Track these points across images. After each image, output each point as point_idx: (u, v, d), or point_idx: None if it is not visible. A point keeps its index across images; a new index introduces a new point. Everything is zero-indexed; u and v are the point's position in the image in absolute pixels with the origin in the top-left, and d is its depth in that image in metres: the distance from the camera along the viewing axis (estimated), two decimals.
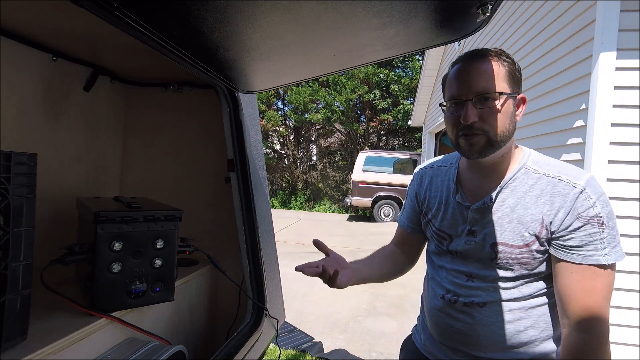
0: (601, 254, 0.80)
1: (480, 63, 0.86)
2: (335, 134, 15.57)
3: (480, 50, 0.88)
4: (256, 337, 1.60)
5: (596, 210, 0.82)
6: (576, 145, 2.67)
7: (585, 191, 0.83)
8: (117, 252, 1.11)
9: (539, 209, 0.86)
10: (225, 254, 1.79)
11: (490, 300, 0.91)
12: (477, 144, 0.86)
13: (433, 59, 8.46)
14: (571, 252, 0.83)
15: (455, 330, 0.95)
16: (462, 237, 0.95)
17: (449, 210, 0.99)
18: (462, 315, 0.93)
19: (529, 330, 0.90)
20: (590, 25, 2.54)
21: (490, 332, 0.90)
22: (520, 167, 0.91)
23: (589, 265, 0.81)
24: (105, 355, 1.08)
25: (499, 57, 0.87)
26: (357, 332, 3.36)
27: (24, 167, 0.87)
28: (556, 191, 0.86)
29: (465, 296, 0.93)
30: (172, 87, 1.95)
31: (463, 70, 0.88)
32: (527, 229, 0.87)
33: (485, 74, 0.85)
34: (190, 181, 2.00)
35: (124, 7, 0.85)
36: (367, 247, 6.85)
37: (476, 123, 0.85)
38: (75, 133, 1.72)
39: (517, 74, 0.88)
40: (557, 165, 0.90)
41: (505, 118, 0.85)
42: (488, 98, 0.84)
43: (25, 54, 1.43)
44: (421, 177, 1.11)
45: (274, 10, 0.86)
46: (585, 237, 0.82)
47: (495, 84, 0.84)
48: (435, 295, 1.01)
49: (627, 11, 2.42)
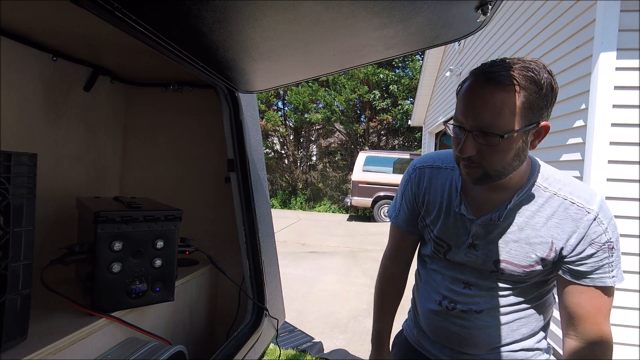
0: (609, 277, 0.82)
1: (490, 90, 0.74)
2: (335, 134, 15.56)
3: (497, 72, 0.74)
4: (256, 337, 1.60)
5: (608, 235, 0.81)
6: (576, 145, 2.67)
7: (598, 217, 0.82)
8: (117, 252, 1.11)
9: (549, 231, 0.84)
10: (225, 254, 1.79)
11: (487, 307, 0.92)
12: (474, 174, 0.81)
13: (433, 59, 8.46)
14: (582, 277, 0.83)
15: (452, 333, 0.95)
16: (462, 249, 0.92)
17: (450, 220, 0.94)
18: (459, 320, 0.94)
19: (521, 328, 0.93)
20: (590, 25, 2.54)
21: (487, 334, 0.92)
22: (530, 184, 0.86)
23: (596, 287, 0.83)
24: (105, 355, 1.08)
25: (518, 84, 0.73)
26: (357, 332, 3.36)
27: (24, 167, 0.87)
28: (568, 215, 0.83)
29: (463, 303, 0.93)
30: (172, 87, 1.95)
31: (472, 94, 0.77)
32: (534, 250, 0.85)
33: (492, 106, 0.74)
34: (190, 181, 2.00)
35: (124, 7, 0.85)
36: (367, 247, 6.85)
37: (474, 157, 0.78)
38: (75, 133, 1.72)
39: (540, 101, 0.75)
40: (567, 183, 0.86)
41: (507, 155, 0.77)
42: (490, 135, 0.75)
43: (25, 54, 1.43)
44: (419, 176, 1.02)
45: (274, 10, 0.86)
46: (596, 263, 0.82)
47: (504, 119, 0.74)
48: (431, 299, 1.00)
49: (627, 11, 2.42)
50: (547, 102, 0.76)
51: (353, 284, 4.77)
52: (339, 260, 5.95)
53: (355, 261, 5.90)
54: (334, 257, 6.13)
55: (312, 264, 5.68)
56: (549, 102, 0.77)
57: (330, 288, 4.56)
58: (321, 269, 5.39)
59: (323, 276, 5.03)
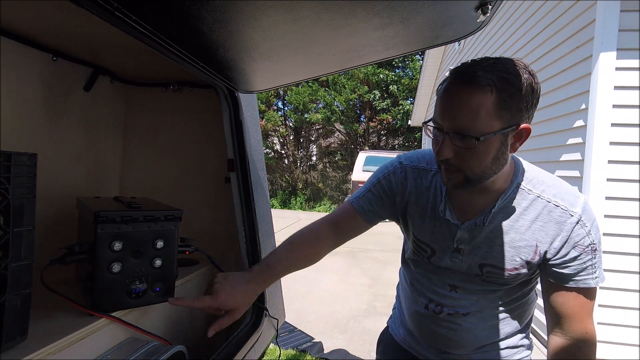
0: (592, 278, 0.83)
1: (466, 92, 0.72)
2: (335, 134, 15.57)
3: (474, 72, 0.72)
4: (256, 337, 1.60)
5: (591, 238, 0.82)
6: (576, 145, 2.67)
7: (581, 220, 0.82)
8: (117, 252, 1.11)
9: (533, 234, 0.84)
10: (225, 254, 1.79)
11: (474, 310, 0.92)
12: (453, 179, 0.80)
13: (433, 59, 8.47)
14: (566, 279, 0.84)
15: (439, 335, 0.96)
16: (447, 253, 0.92)
17: (434, 224, 0.93)
18: (446, 322, 0.95)
19: (506, 327, 0.95)
20: (590, 25, 2.54)
21: (473, 335, 0.94)
22: (513, 187, 0.85)
23: (580, 287, 0.84)
24: (105, 355, 1.08)
25: (495, 85, 0.70)
26: (357, 332, 3.36)
27: (24, 167, 0.87)
28: (552, 217, 0.83)
29: (449, 306, 0.94)
30: (172, 87, 1.95)
31: (449, 95, 0.75)
32: (519, 254, 0.86)
33: (468, 108, 0.72)
34: (190, 181, 2.00)
35: (124, 7, 0.85)
36: (367, 247, 6.85)
37: (451, 159, 0.77)
38: (75, 133, 1.72)
39: (520, 102, 0.73)
40: (551, 185, 0.86)
41: (487, 157, 0.75)
42: (467, 137, 0.73)
43: (25, 54, 1.43)
44: (405, 174, 0.97)
45: (274, 10, 0.86)
46: (579, 265, 0.83)
47: (480, 121, 0.72)
48: (417, 302, 0.99)
49: (627, 11, 2.42)
50: (528, 104, 0.74)
51: (353, 284, 4.77)
52: (339, 260, 5.95)
53: (355, 261, 5.90)
54: (334, 257, 6.13)
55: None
56: (529, 104, 0.75)
57: (330, 288, 4.56)
58: (321, 269, 5.39)
59: (323, 276, 5.03)
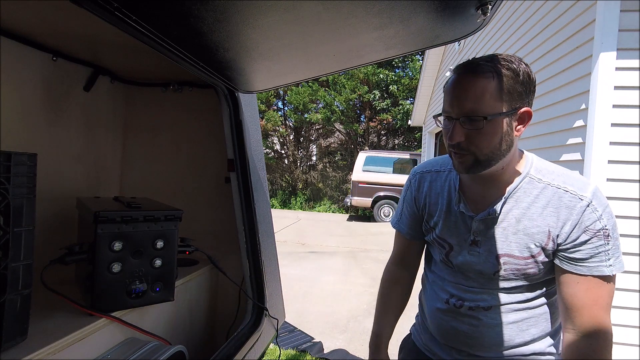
0: (606, 265, 0.81)
1: (471, 79, 0.81)
2: (335, 134, 15.57)
3: (476, 63, 0.82)
4: (256, 337, 1.60)
5: (602, 223, 0.82)
6: (576, 145, 2.67)
7: (592, 204, 0.82)
8: (117, 252, 1.11)
9: (545, 220, 0.86)
10: (225, 254, 1.79)
11: (495, 304, 0.92)
12: (465, 162, 0.85)
13: (433, 59, 8.46)
14: (577, 264, 0.83)
15: (460, 332, 0.95)
16: (465, 247, 0.94)
17: (451, 219, 0.97)
18: (467, 318, 0.94)
19: (531, 328, 0.92)
20: (590, 25, 2.54)
21: (495, 333, 0.92)
22: (524, 177, 0.89)
23: (594, 276, 0.82)
24: (105, 355, 1.08)
25: (495, 71, 0.80)
26: (357, 332, 3.36)
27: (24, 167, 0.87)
28: (562, 203, 0.84)
29: (470, 300, 0.94)
30: (172, 87, 1.95)
31: (455, 85, 0.83)
32: (534, 240, 0.86)
33: (473, 93, 0.80)
34: (190, 181, 2.00)
35: (124, 7, 0.85)
36: (367, 247, 6.85)
37: (462, 143, 0.83)
38: (75, 133, 1.72)
39: (519, 87, 0.81)
40: (561, 174, 0.89)
41: (495, 138, 0.81)
42: (475, 119, 0.80)
43: (25, 54, 1.43)
44: (419, 181, 1.07)
45: (274, 10, 0.86)
46: (591, 250, 0.82)
47: (485, 103, 0.79)
48: (438, 298, 1.00)
49: (627, 11, 2.42)
50: (526, 89, 0.82)
51: (353, 284, 4.77)
52: (339, 260, 5.95)
53: (355, 261, 5.90)
54: (334, 257, 6.13)
55: (312, 264, 5.68)
56: (527, 89, 0.82)
57: (330, 288, 4.56)
58: (321, 269, 5.39)
59: (323, 276, 5.03)
